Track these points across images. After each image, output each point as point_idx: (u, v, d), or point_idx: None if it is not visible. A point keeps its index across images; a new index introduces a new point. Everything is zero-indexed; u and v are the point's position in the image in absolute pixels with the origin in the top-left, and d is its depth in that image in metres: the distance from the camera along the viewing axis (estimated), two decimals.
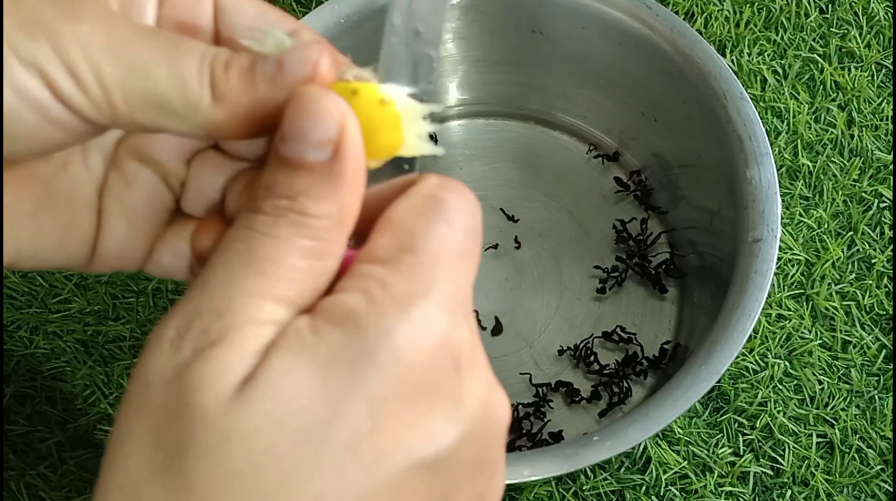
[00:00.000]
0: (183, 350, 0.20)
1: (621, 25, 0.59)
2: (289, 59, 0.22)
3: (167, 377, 0.20)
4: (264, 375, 0.20)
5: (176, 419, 0.20)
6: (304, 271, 0.21)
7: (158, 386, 0.20)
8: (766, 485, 0.56)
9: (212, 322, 0.20)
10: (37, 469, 0.56)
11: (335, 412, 0.20)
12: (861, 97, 0.68)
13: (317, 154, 0.21)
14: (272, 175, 0.21)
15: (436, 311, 0.21)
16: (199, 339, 0.20)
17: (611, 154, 0.67)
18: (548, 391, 0.59)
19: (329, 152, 0.21)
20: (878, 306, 0.61)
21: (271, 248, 0.21)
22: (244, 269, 0.21)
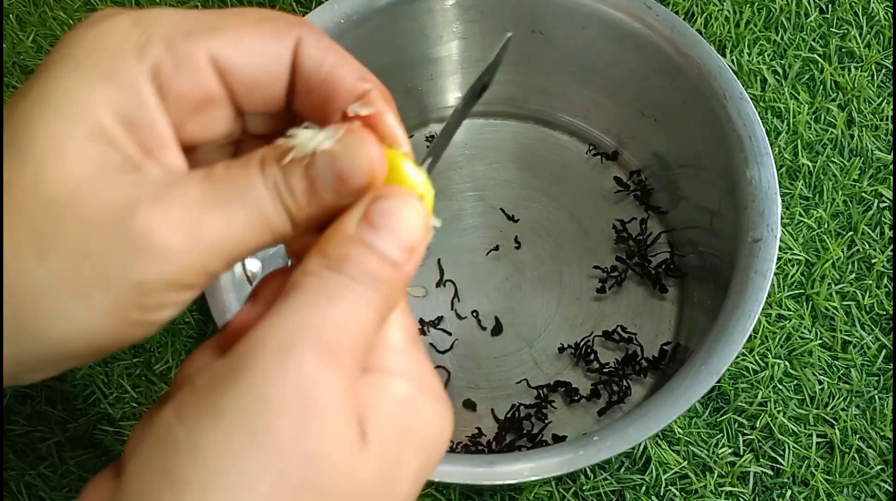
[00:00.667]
0: (313, 388, 0.22)
1: (621, 25, 0.59)
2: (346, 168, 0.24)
3: (297, 414, 0.21)
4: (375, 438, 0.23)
5: (311, 462, 0.21)
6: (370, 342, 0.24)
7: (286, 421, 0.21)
8: (766, 485, 0.56)
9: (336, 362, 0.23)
10: (37, 469, 0.56)
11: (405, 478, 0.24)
12: (861, 97, 0.68)
13: (399, 254, 0.24)
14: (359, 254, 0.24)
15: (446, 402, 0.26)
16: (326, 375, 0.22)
17: (610, 153, 0.67)
18: (548, 392, 0.59)
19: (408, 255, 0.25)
20: (878, 306, 0.61)
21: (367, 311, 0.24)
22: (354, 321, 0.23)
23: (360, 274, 0.24)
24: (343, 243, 0.24)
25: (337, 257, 0.24)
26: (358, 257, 0.24)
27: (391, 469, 0.24)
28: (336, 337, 0.23)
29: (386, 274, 0.24)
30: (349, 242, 0.24)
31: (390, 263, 0.24)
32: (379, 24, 0.58)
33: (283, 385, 0.21)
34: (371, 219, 0.24)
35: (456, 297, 0.63)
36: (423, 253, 0.25)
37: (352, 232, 0.24)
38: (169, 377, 0.59)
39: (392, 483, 0.24)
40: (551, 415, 0.59)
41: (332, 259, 0.24)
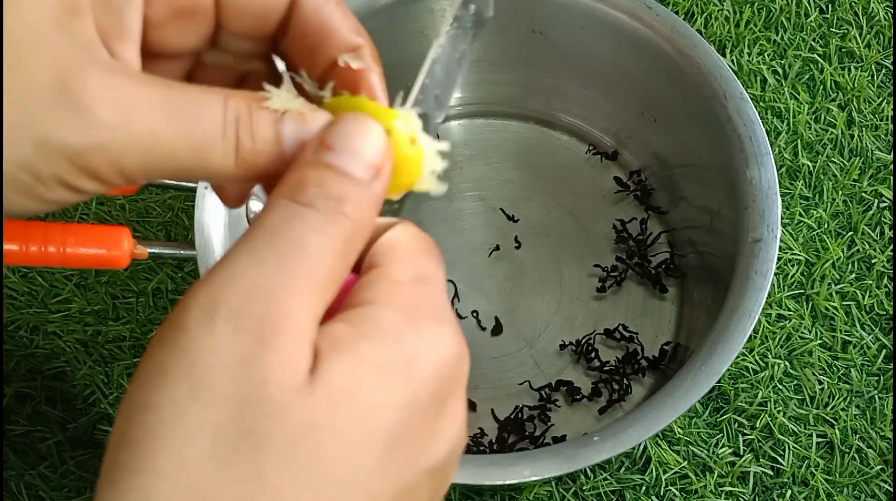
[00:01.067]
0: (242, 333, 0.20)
1: (621, 25, 0.59)
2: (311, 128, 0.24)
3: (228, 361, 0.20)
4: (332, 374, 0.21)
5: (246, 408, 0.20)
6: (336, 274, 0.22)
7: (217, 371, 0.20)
8: (766, 485, 0.56)
9: (270, 306, 0.21)
10: (37, 469, 0.56)
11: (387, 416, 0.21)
12: (861, 97, 0.68)
13: (364, 172, 0.23)
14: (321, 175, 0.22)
15: (454, 332, 0.23)
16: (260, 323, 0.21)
17: (610, 153, 0.67)
18: (550, 393, 0.59)
19: (373, 174, 0.23)
20: (878, 306, 0.61)
21: (323, 245, 0.22)
22: (298, 260, 0.21)
23: (318, 197, 0.22)
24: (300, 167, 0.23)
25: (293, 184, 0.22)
26: (316, 178, 0.22)
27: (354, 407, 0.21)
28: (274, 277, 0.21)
29: (350, 194, 0.22)
30: (307, 165, 0.23)
31: (354, 181, 0.23)
32: (379, 24, 0.58)
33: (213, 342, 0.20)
34: (328, 142, 0.23)
35: (456, 297, 0.63)
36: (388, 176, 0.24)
37: (309, 158, 0.23)
38: None
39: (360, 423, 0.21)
40: (553, 416, 0.59)
41: (287, 186, 0.23)
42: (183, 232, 0.63)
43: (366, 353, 0.22)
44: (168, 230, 0.64)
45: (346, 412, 0.21)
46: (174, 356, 0.21)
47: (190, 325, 0.21)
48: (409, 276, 0.24)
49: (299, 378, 0.21)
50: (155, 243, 0.51)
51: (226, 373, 0.20)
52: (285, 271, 0.21)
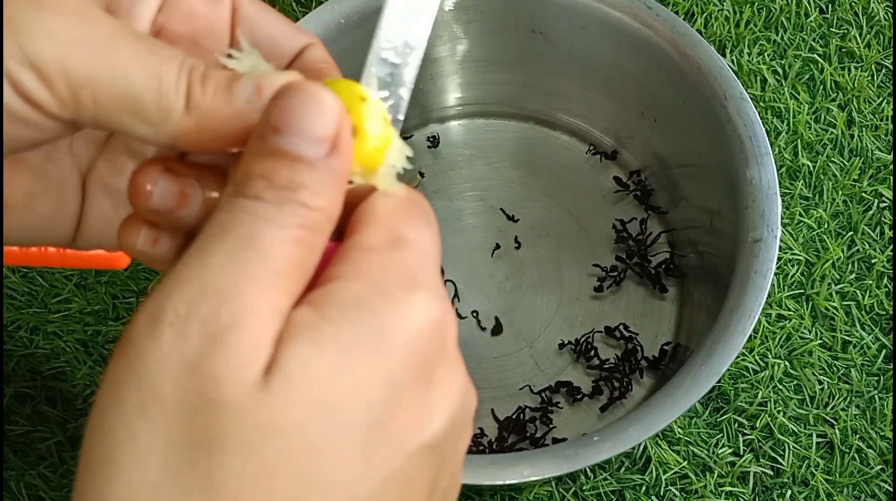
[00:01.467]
0: (190, 336, 0.19)
1: (621, 25, 0.59)
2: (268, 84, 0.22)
3: (176, 368, 0.19)
4: (288, 365, 0.19)
5: (197, 415, 0.19)
6: (299, 263, 0.21)
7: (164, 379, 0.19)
8: (766, 485, 0.56)
9: (220, 305, 0.19)
10: (37, 469, 0.56)
11: (360, 399, 0.20)
12: (861, 97, 0.68)
13: (316, 150, 0.21)
14: (267, 165, 0.21)
15: (432, 297, 0.21)
16: (210, 323, 0.19)
17: (609, 153, 0.67)
18: (551, 394, 0.59)
19: (327, 149, 0.21)
20: (878, 306, 0.61)
21: (275, 235, 0.20)
22: (250, 254, 0.20)
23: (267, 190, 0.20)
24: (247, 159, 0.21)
25: (240, 177, 0.21)
26: (264, 169, 0.21)
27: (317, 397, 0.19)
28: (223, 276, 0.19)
29: (304, 179, 0.21)
30: (254, 156, 0.21)
31: (306, 163, 0.21)
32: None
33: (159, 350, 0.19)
34: (273, 123, 0.21)
35: (456, 297, 0.63)
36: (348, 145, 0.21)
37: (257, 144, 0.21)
38: None
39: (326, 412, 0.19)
40: (555, 417, 0.58)
41: (235, 183, 0.21)
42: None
43: (325, 335, 0.20)
44: None
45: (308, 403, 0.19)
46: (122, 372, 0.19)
47: (137, 336, 0.20)
48: (382, 241, 0.22)
49: (253, 377, 0.19)
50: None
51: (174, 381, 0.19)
52: (236, 267, 0.20)
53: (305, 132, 0.21)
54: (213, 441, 0.19)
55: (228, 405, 0.19)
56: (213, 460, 0.19)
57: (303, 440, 0.19)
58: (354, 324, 0.20)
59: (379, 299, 0.20)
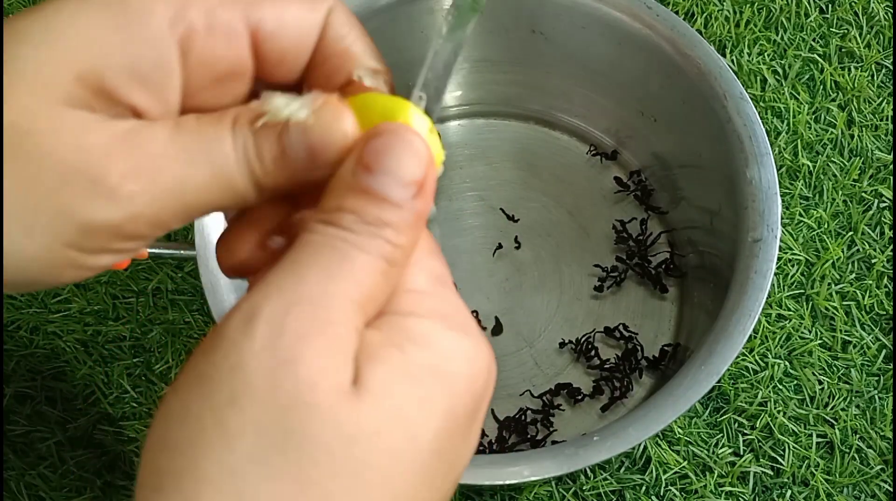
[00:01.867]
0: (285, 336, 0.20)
1: (621, 25, 0.59)
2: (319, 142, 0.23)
3: (270, 365, 0.20)
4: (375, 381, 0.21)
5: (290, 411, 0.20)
6: (379, 290, 0.22)
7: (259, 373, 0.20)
8: (766, 485, 0.56)
9: (313, 314, 0.21)
10: (37, 469, 0.56)
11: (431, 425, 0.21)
12: (861, 97, 0.68)
13: (404, 193, 0.22)
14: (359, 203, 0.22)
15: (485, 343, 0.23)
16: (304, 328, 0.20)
17: (609, 153, 0.67)
18: (552, 397, 0.59)
19: (414, 192, 0.22)
20: (878, 307, 0.61)
21: (364, 261, 0.22)
22: (343, 273, 0.21)
23: (357, 223, 0.22)
24: (338, 193, 0.22)
25: (332, 209, 0.22)
26: (354, 205, 0.22)
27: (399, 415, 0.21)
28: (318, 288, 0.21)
29: (388, 217, 0.22)
30: (345, 190, 0.22)
31: (393, 204, 0.22)
32: (379, 25, 0.58)
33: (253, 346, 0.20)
34: (365, 162, 0.22)
35: None
36: (433, 187, 0.23)
37: (347, 180, 0.22)
38: (169, 377, 0.59)
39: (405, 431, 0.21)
40: (557, 418, 0.58)
41: (327, 212, 0.22)
42: (183, 232, 0.63)
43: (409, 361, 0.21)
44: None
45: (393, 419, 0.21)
46: (214, 362, 0.20)
47: (230, 332, 0.21)
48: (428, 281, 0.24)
49: (345, 383, 0.20)
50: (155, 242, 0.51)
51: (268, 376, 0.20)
52: (329, 283, 0.21)
53: (396, 175, 0.22)
54: (306, 438, 0.20)
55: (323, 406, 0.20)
56: (305, 455, 0.20)
57: (387, 453, 0.21)
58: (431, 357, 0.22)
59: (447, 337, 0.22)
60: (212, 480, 0.19)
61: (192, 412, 0.20)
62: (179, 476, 0.20)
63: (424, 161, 0.23)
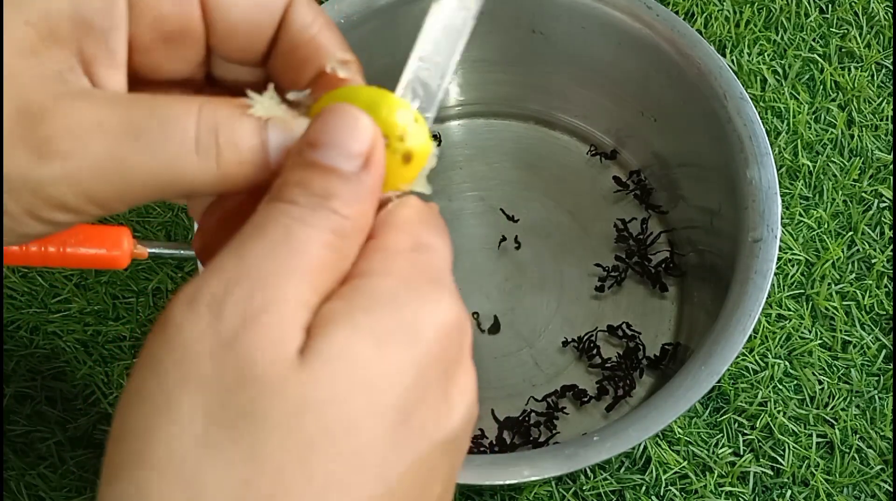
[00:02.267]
0: (227, 317, 0.20)
1: (621, 25, 0.59)
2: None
3: (212, 346, 0.20)
4: (325, 347, 0.20)
5: (235, 390, 0.20)
6: (329, 264, 0.22)
7: (203, 355, 0.20)
8: (766, 485, 0.56)
9: (255, 290, 0.20)
10: (37, 469, 0.56)
11: (393, 383, 0.21)
12: (861, 97, 0.68)
13: (349, 164, 0.22)
14: (304, 175, 0.22)
15: (454, 297, 0.23)
16: (244, 306, 0.20)
17: (609, 153, 0.67)
18: (557, 399, 0.59)
19: (360, 164, 0.22)
20: (878, 307, 0.61)
21: (307, 235, 0.21)
22: (283, 248, 0.21)
23: (302, 195, 0.22)
24: (286, 171, 0.23)
25: (278, 185, 0.22)
26: (300, 177, 0.22)
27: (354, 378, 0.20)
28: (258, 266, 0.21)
29: (336, 189, 0.22)
30: (291, 167, 0.22)
31: (339, 175, 0.22)
32: (379, 25, 0.58)
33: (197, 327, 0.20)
34: (311, 139, 0.22)
35: None
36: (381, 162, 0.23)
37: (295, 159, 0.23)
38: None
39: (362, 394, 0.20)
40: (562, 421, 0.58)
41: (273, 190, 0.22)
42: (183, 232, 0.63)
43: (361, 321, 0.21)
44: (168, 230, 0.64)
45: (347, 382, 0.20)
46: (161, 346, 0.20)
47: (175, 315, 0.21)
48: (407, 245, 0.23)
49: (290, 355, 0.20)
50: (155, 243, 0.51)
51: (212, 358, 0.20)
52: (271, 259, 0.21)
53: (341, 147, 0.22)
54: (254, 415, 0.19)
55: (267, 381, 0.20)
56: (255, 433, 0.19)
57: (341, 416, 0.20)
58: (388, 314, 0.21)
59: (411, 293, 0.22)
60: (162, 467, 0.19)
61: (144, 396, 0.20)
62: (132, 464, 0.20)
63: (369, 134, 0.23)
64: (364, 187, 0.23)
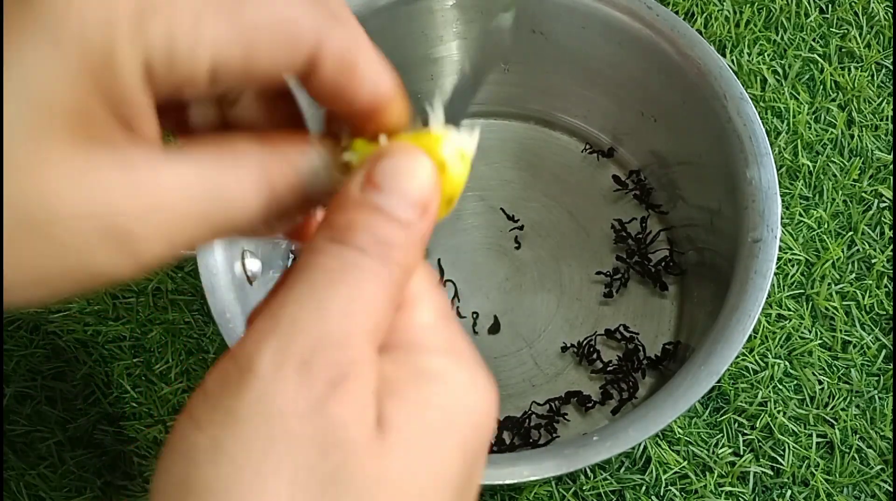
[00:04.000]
0: (316, 381, 0.20)
1: (621, 25, 0.59)
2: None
3: (304, 409, 0.20)
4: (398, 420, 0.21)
5: (327, 454, 0.20)
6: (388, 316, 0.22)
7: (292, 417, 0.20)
8: (766, 485, 0.56)
9: (337, 354, 0.21)
10: (37, 469, 0.56)
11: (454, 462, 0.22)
12: (861, 97, 0.68)
13: (409, 212, 0.22)
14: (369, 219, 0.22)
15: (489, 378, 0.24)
16: (331, 370, 0.21)
17: (606, 151, 0.67)
18: (560, 405, 0.59)
19: (420, 213, 0.23)
20: (878, 306, 0.61)
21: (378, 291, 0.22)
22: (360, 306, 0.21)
23: (370, 243, 0.22)
24: (348, 209, 0.22)
25: (342, 227, 0.22)
26: (365, 222, 0.22)
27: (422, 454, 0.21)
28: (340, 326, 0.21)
29: (397, 237, 0.22)
30: (354, 207, 0.22)
31: (401, 224, 0.22)
32: (379, 25, 0.58)
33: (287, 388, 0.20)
34: (375, 181, 0.22)
35: (456, 297, 0.63)
36: (436, 210, 0.23)
37: (356, 196, 0.22)
38: (169, 377, 0.59)
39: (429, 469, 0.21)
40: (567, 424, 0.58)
41: (336, 230, 0.22)
42: None
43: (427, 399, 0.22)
44: None
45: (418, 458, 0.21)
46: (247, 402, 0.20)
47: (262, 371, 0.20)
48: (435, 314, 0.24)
49: (372, 421, 0.21)
50: None
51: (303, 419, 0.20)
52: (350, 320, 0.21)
53: (405, 194, 0.22)
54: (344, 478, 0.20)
55: (356, 448, 0.20)
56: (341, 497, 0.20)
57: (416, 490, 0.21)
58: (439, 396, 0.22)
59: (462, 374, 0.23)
60: None
61: (226, 453, 0.20)
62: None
63: (432, 183, 0.23)
64: (420, 236, 0.23)
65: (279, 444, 0.20)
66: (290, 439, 0.20)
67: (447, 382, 0.22)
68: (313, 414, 0.20)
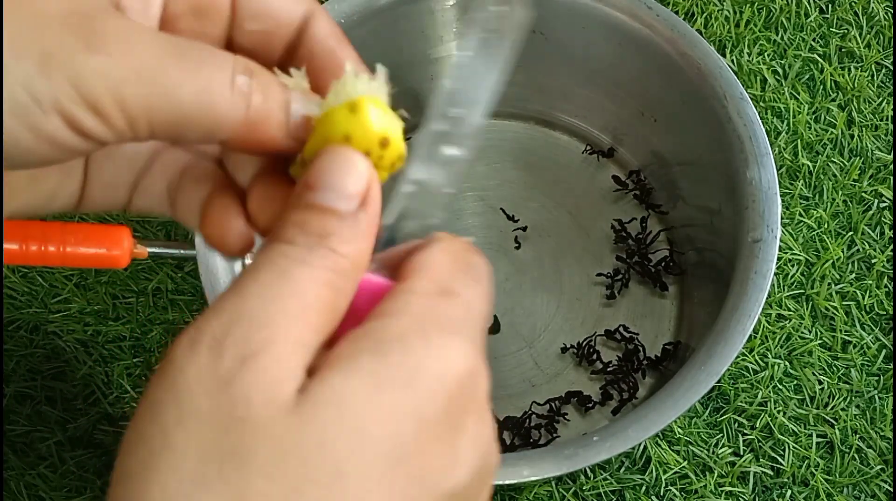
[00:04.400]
0: (225, 358, 0.20)
1: (621, 25, 0.59)
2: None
3: (210, 386, 0.20)
4: (322, 391, 0.20)
5: (228, 430, 0.20)
6: (327, 302, 0.22)
7: (200, 395, 0.20)
8: (766, 485, 0.56)
9: (253, 332, 0.21)
10: (37, 469, 0.56)
11: (388, 431, 0.21)
12: (861, 97, 0.68)
13: (347, 204, 0.23)
14: (302, 215, 0.23)
15: (469, 347, 0.23)
16: (242, 347, 0.21)
17: (606, 150, 0.67)
18: (560, 404, 0.59)
19: (357, 204, 0.23)
20: (878, 306, 0.61)
21: (305, 274, 0.22)
22: (281, 289, 0.22)
23: (299, 235, 0.22)
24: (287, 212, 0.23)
25: (278, 227, 0.23)
26: (298, 218, 0.23)
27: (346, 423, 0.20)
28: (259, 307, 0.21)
29: (335, 228, 0.23)
30: (290, 210, 0.23)
31: (336, 215, 0.23)
32: (379, 25, 0.58)
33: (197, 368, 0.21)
34: (309, 182, 0.23)
35: None
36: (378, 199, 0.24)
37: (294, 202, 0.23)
38: None
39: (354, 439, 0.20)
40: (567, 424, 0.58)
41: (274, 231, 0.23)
42: (183, 232, 0.63)
43: (363, 364, 0.21)
44: (168, 230, 0.64)
45: (335, 427, 0.20)
46: (163, 387, 0.21)
47: (176, 356, 0.21)
48: (430, 288, 0.24)
49: (284, 397, 0.20)
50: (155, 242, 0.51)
51: (209, 397, 0.20)
52: (269, 299, 0.21)
53: (338, 189, 0.23)
54: (243, 457, 0.20)
55: (257, 423, 0.20)
56: (243, 476, 0.20)
57: (328, 464, 0.20)
58: (391, 359, 0.21)
59: (420, 338, 0.22)
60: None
61: (144, 437, 0.20)
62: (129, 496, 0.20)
63: (365, 175, 0.23)
64: (361, 226, 0.23)
65: (188, 421, 0.20)
66: (198, 416, 0.20)
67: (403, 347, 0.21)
68: (219, 390, 0.20)
